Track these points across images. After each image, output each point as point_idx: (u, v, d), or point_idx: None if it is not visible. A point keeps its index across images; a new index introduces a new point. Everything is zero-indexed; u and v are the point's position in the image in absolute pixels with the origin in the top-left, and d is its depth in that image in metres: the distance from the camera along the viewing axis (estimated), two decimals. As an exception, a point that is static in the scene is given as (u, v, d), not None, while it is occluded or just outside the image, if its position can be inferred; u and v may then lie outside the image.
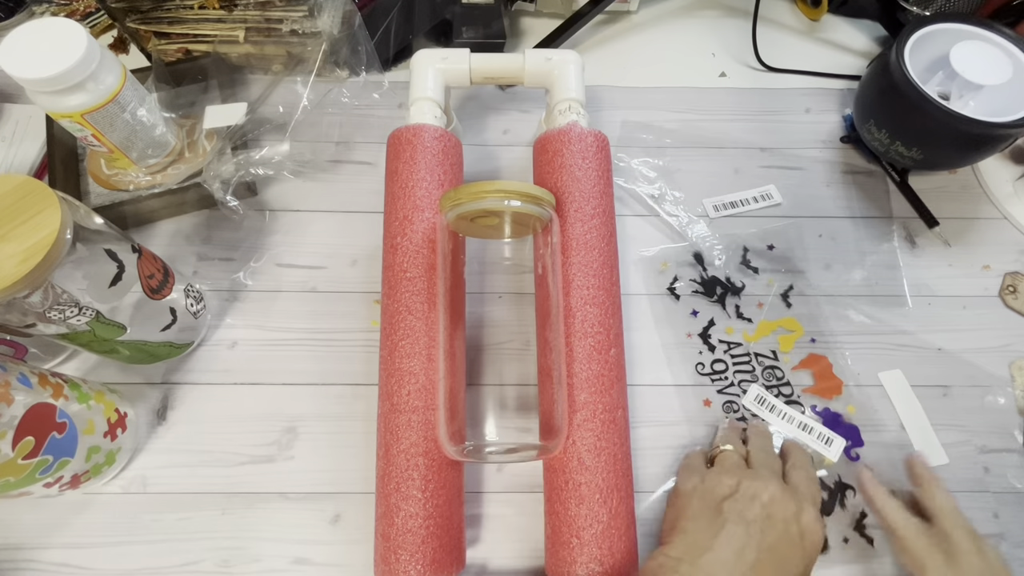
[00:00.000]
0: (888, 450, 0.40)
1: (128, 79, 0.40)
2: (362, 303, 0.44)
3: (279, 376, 0.41)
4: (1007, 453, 0.40)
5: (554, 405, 0.35)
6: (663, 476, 0.39)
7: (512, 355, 0.42)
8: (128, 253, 0.33)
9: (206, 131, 0.46)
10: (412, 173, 0.39)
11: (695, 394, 0.41)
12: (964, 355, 0.43)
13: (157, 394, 0.40)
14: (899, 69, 0.43)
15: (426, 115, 0.41)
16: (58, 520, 0.37)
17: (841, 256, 0.46)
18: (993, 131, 0.41)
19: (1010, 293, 0.45)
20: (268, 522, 0.37)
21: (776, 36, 0.58)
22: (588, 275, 0.37)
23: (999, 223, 0.48)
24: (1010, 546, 0.37)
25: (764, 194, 0.49)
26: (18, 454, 0.29)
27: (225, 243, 0.45)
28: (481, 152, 0.50)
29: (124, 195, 0.45)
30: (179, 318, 0.38)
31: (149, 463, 0.38)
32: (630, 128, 0.52)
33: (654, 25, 0.59)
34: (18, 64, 0.35)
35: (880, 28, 0.58)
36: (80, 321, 0.31)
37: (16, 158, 0.48)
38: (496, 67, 0.43)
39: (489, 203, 0.34)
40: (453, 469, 0.35)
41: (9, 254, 0.28)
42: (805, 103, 0.54)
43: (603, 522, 0.32)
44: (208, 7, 0.47)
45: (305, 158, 0.47)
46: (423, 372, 0.35)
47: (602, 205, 0.39)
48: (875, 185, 0.50)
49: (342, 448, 0.39)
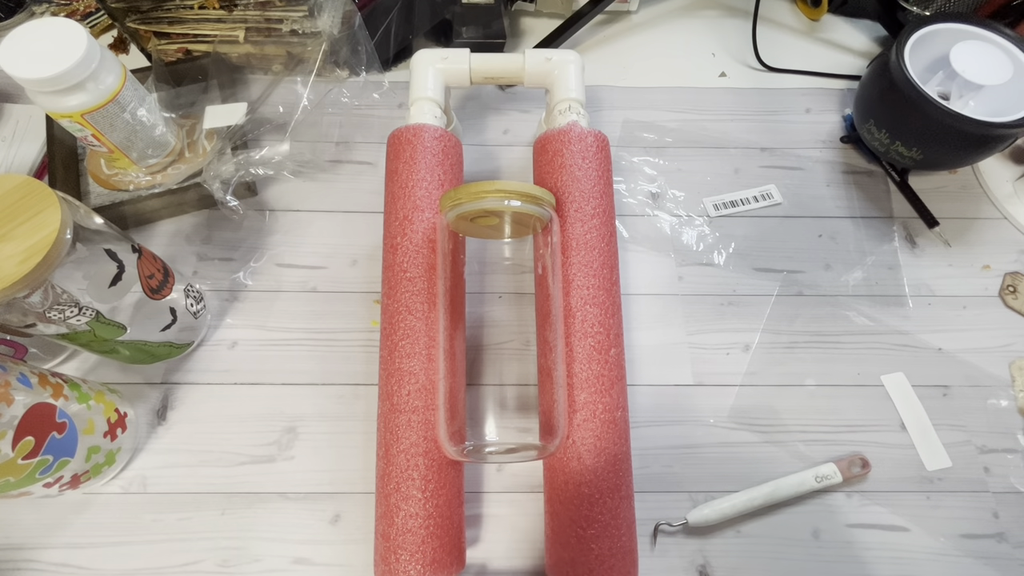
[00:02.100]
0: (888, 450, 0.40)
1: (128, 79, 0.40)
2: (362, 303, 0.44)
3: (279, 376, 0.41)
4: (1007, 453, 0.40)
5: (554, 405, 0.35)
6: (663, 476, 0.39)
7: (512, 355, 0.42)
8: (128, 253, 0.33)
9: (206, 131, 0.46)
10: (412, 173, 0.39)
11: (695, 394, 0.41)
12: (964, 355, 0.43)
13: (157, 394, 0.40)
14: (899, 69, 0.43)
15: (426, 115, 0.41)
16: (58, 520, 0.37)
17: (841, 256, 0.46)
18: (993, 131, 0.41)
19: (1010, 293, 0.45)
20: (268, 522, 0.37)
21: (776, 36, 0.58)
22: (588, 275, 0.37)
23: (999, 223, 0.48)
24: (1010, 546, 0.37)
25: (764, 194, 0.49)
26: (18, 454, 0.29)
27: (225, 243, 0.45)
28: (481, 152, 0.50)
29: (124, 195, 0.45)
30: (179, 318, 0.38)
31: (149, 463, 0.38)
32: (631, 127, 0.52)
33: (654, 25, 0.59)
34: (18, 64, 0.35)
35: (880, 28, 0.58)
36: (80, 321, 0.31)
37: (16, 158, 0.48)
38: (496, 67, 0.43)
39: (489, 203, 0.34)
40: (453, 469, 0.35)
41: (9, 254, 0.28)
42: (805, 103, 0.54)
43: (603, 522, 0.32)
44: (208, 7, 0.47)
45: (305, 158, 0.47)
46: (423, 372, 0.35)
47: (602, 205, 0.39)
48: (875, 185, 0.50)
49: (342, 448, 0.39)
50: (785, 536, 0.38)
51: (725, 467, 0.39)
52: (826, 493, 0.39)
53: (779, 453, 0.40)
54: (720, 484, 0.39)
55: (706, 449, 0.40)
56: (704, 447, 0.40)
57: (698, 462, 0.39)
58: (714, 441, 0.40)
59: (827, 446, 0.40)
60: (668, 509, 0.38)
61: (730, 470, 0.39)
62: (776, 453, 0.40)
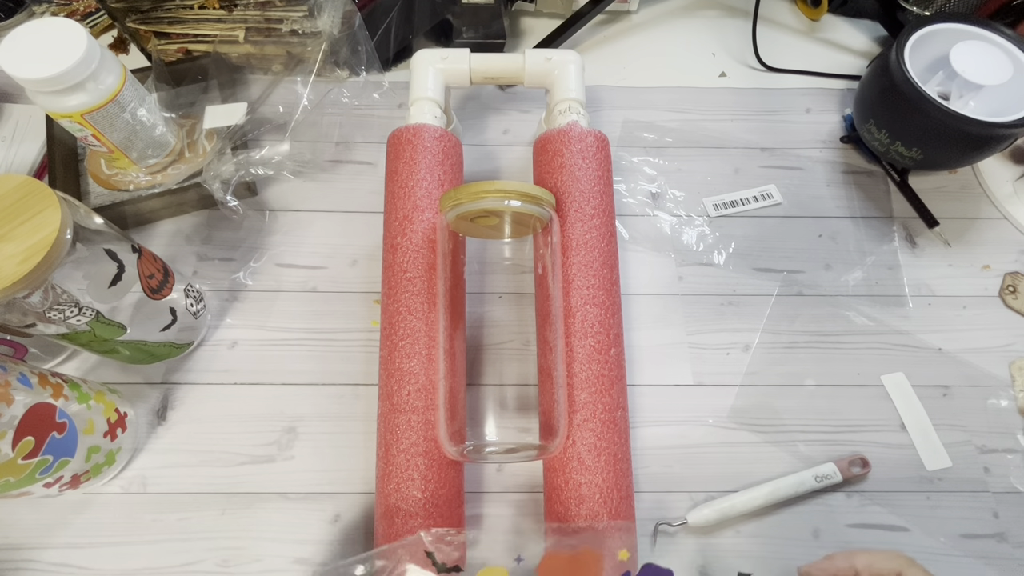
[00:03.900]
0: (888, 450, 0.40)
1: (128, 79, 0.40)
2: (362, 303, 0.44)
3: (279, 376, 0.41)
4: (1007, 453, 0.40)
5: (554, 405, 0.35)
6: (663, 476, 0.39)
7: (512, 355, 0.42)
8: (128, 253, 0.33)
9: (206, 131, 0.46)
10: (412, 173, 0.39)
11: (695, 394, 0.41)
12: (964, 355, 0.43)
13: (157, 394, 0.40)
14: (899, 69, 0.43)
15: (426, 115, 0.41)
16: (58, 520, 0.37)
17: (841, 256, 0.46)
18: (993, 131, 0.41)
19: (1010, 293, 0.45)
20: (268, 522, 0.37)
21: (776, 36, 0.58)
22: (588, 275, 0.37)
23: (999, 223, 0.48)
24: (1010, 546, 0.37)
25: (764, 194, 0.49)
26: (18, 454, 0.29)
27: (225, 243, 0.45)
28: (481, 152, 0.50)
29: (124, 195, 0.45)
30: (179, 318, 0.38)
31: (149, 463, 0.38)
32: (631, 127, 0.52)
33: (654, 25, 0.59)
34: (18, 64, 0.35)
35: (880, 28, 0.58)
36: (80, 321, 0.31)
37: (16, 158, 0.48)
38: (496, 67, 0.43)
39: (489, 203, 0.34)
40: (453, 469, 0.35)
41: (9, 254, 0.28)
42: (805, 103, 0.54)
43: (603, 522, 0.32)
44: (208, 7, 0.47)
45: (305, 158, 0.47)
46: (423, 372, 0.35)
47: (602, 205, 0.39)
48: (875, 185, 0.50)
49: (342, 448, 0.39)
50: (785, 536, 0.38)
51: (725, 467, 0.39)
52: (826, 493, 0.39)
53: (779, 453, 0.40)
54: (720, 484, 0.39)
55: (706, 449, 0.40)
56: (704, 447, 0.40)
57: (698, 462, 0.39)
58: (714, 441, 0.40)
59: (827, 446, 0.40)
60: (668, 509, 0.38)
61: (730, 470, 0.39)
62: (776, 453, 0.40)
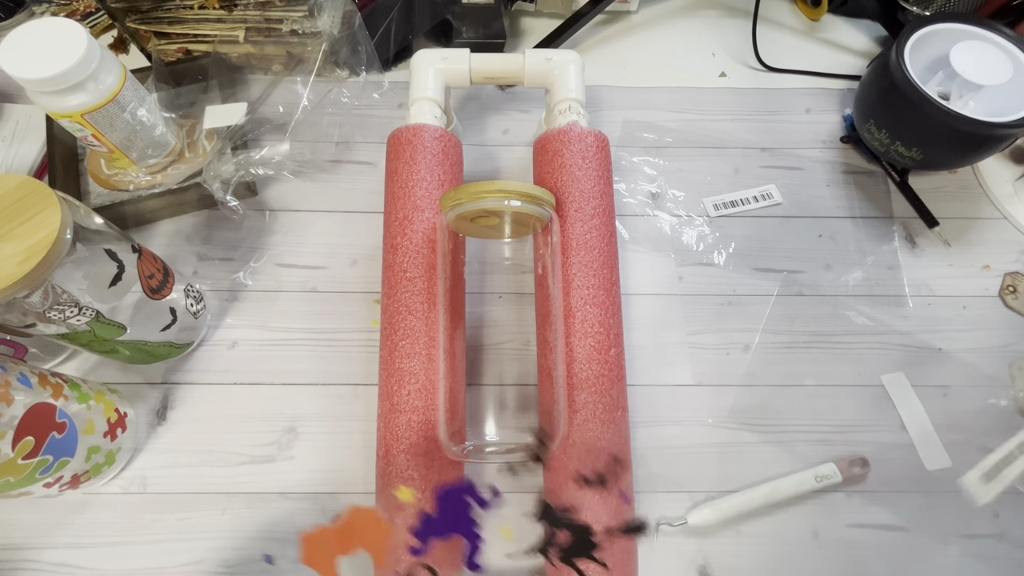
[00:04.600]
0: (888, 450, 0.40)
1: (128, 79, 0.40)
2: (362, 303, 0.44)
3: (279, 376, 0.41)
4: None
5: (554, 405, 0.35)
6: (663, 476, 0.39)
7: (512, 355, 0.42)
8: (128, 253, 0.33)
9: (206, 131, 0.46)
10: (412, 173, 0.39)
11: (695, 394, 0.41)
12: (964, 355, 0.43)
13: (157, 394, 0.40)
14: (899, 69, 0.43)
15: (426, 115, 0.41)
16: (58, 520, 0.37)
17: (841, 256, 0.46)
18: (993, 131, 0.41)
19: (1010, 293, 0.45)
20: (268, 522, 0.37)
21: (776, 36, 0.58)
22: (588, 275, 0.37)
23: (999, 223, 0.48)
24: (1010, 546, 0.37)
25: (764, 194, 0.49)
26: (18, 454, 0.29)
27: (225, 243, 0.45)
28: (481, 152, 0.50)
29: (124, 195, 0.45)
30: (179, 318, 0.38)
31: (149, 463, 0.38)
32: (631, 127, 0.52)
33: (654, 25, 0.59)
34: (18, 64, 0.35)
35: (880, 28, 0.58)
36: (80, 321, 0.31)
37: (16, 158, 0.48)
38: (496, 67, 0.43)
39: (489, 203, 0.34)
40: (453, 469, 0.35)
41: (9, 254, 0.28)
42: (805, 103, 0.54)
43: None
44: (208, 7, 0.47)
45: (305, 158, 0.47)
46: (423, 372, 0.35)
47: (602, 205, 0.39)
48: (875, 185, 0.50)
49: (342, 448, 0.39)
50: (785, 536, 0.38)
51: (725, 467, 0.39)
52: (826, 493, 0.39)
53: (779, 453, 0.40)
54: (720, 484, 0.39)
55: (706, 449, 0.40)
56: (704, 447, 0.40)
57: (698, 462, 0.39)
58: (714, 441, 0.40)
59: (827, 446, 0.40)
60: (668, 509, 0.38)
61: (730, 470, 0.39)
62: (776, 453, 0.40)
